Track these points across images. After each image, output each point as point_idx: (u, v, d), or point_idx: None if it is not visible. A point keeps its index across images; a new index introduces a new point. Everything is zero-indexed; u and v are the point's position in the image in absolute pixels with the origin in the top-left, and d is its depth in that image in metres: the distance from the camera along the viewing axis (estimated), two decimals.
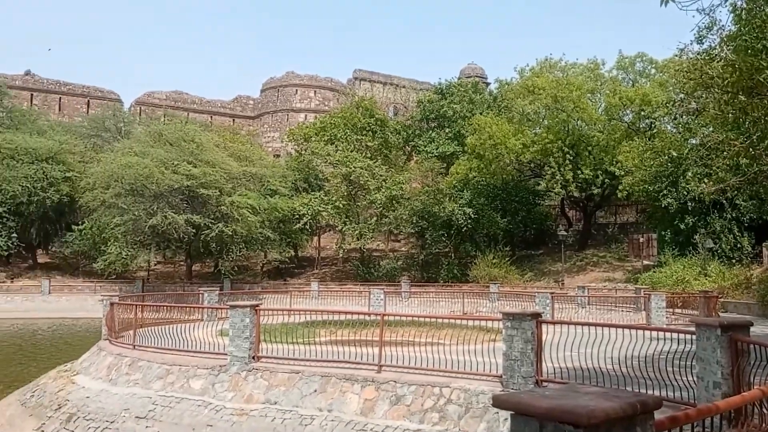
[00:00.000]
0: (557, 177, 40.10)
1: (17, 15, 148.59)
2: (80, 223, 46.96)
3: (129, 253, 43.31)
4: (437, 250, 47.31)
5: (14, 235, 46.13)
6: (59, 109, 64.71)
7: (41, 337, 31.06)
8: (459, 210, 43.40)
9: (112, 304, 15.89)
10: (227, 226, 41.87)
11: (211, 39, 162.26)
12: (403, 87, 66.69)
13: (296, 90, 72.51)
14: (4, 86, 55.91)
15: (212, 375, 11.92)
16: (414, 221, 45.94)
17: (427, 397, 10.03)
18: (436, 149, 50.82)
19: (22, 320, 37.61)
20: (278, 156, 65.25)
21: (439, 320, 14.80)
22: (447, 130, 52.08)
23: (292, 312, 15.11)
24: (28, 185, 45.39)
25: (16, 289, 43.23)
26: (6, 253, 46.37)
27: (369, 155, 49.75)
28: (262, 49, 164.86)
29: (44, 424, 12.43)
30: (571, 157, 40.64)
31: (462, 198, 44.69)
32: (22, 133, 49.15)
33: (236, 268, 48.68)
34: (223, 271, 46.65)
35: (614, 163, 38.64)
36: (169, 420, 11.33)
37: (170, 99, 69.73)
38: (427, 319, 14.79)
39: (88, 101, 66.12)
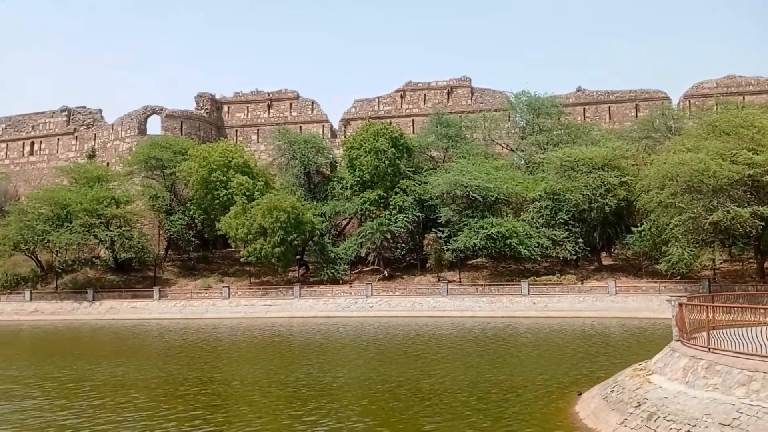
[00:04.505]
0: None
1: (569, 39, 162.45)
2: (638, 225, 47.74)
3: (691, 253, 41.80)
4: None
5: (580, 240, 49.98)
6: (609, 118, 67.64)
7: (610, 334, 32.44)
8: None
9: (680, 304, 15.34)
10: None
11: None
12: None
13: None
14: (560, 106, 61.63)
15: None
16: None
17: None
18: None
19: (592, 318, 40.19)
20: None
21: None
22: None
23: None
24: (588, 193, 48.54)
25: (586, 290, 46.52)
26: (574, 257, 50.59)
27: None
28: None
29: (626, 419, 12.70)
30: None
31: None
32: (578, 146, 52.96)
33: None
34: None
35: None
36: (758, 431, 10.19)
37: (721, 86, 65.21)
38: None
39: (636, 105, 67.22)
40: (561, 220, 50.31)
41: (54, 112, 77.00)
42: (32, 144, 77.33)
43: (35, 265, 60.23)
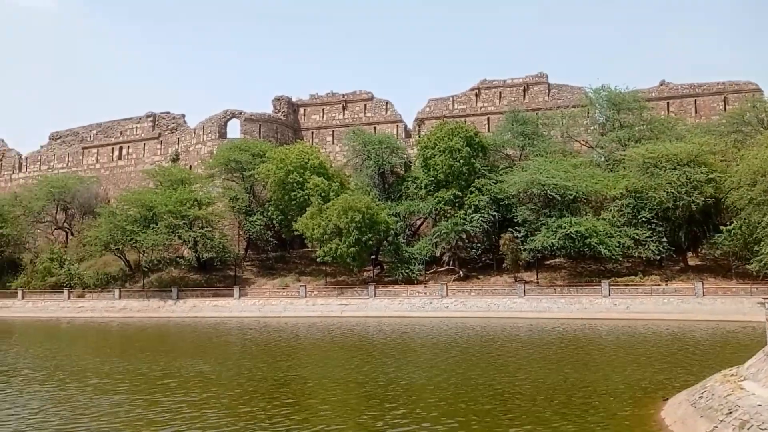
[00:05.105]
0: None
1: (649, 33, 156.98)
2: (728, 223, 45.55)
3: None
4: None
5: (664, 239, 48.12)
6: (695, 112, 64.74)
7: (697, 338, 31.08)
8: None
9: None
10: None
11: None
12: None
13: None
14: (642, 100, 59.44)
15: None
16: None
17: None
18: None
19: (676, 321, 38.58)
20: None
21: None
22: None
23: None
24: (673, 191, 46.67)
25: (670, 292, 44.72)
26: (658, 257, 48.73)
27: None
28: None
29: (716, 427, 12.14)
30: None
31: None
32: (662, 142, 51.01)
33: None
34: None
35: None
36: None
37: None
38: None
39: (725, 98, 64.04)
40: (643, 219, 48.59)
41: (140, 118, 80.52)
42: (120, 149, 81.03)
43: (124, 265, 63.10)
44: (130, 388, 20.17)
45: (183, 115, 79.16)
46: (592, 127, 62.16)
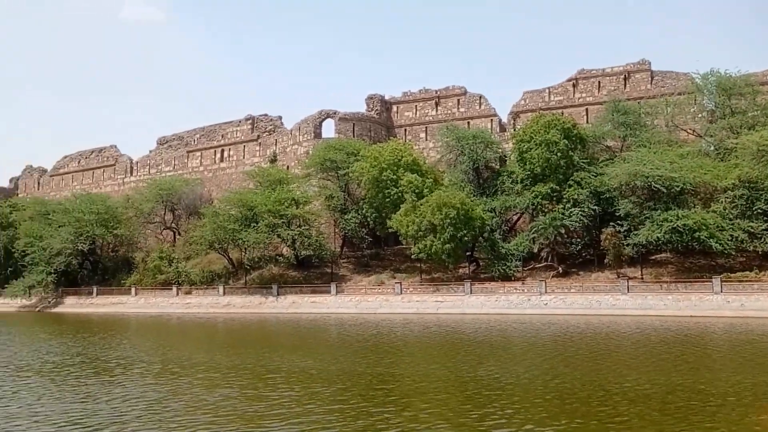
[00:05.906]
0: None
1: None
2: None
3: None
4: None
5: None
6: None
7: None
8: None
9: None
10: None
11: None
12: None
13: None
14: (756, 84, 55.69)
15: None
16: None
17: None
18: None
19: None
20: None
21: None
22: None
23: None
24: None
25: None
26: None
27: None
28: None
29: None
30: None
31: None
32: None
33: None
34: None
35: None
36: None
37: None
38: None
39: None
40: (759, 211, 45.63)
41: (240, 121, 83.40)
42: (222, 151, 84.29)
43: (227, 263, 65.58)
44: (237, 382, 20.82)
45: (280, 117, 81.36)
46: (699, 115, 59.00)
